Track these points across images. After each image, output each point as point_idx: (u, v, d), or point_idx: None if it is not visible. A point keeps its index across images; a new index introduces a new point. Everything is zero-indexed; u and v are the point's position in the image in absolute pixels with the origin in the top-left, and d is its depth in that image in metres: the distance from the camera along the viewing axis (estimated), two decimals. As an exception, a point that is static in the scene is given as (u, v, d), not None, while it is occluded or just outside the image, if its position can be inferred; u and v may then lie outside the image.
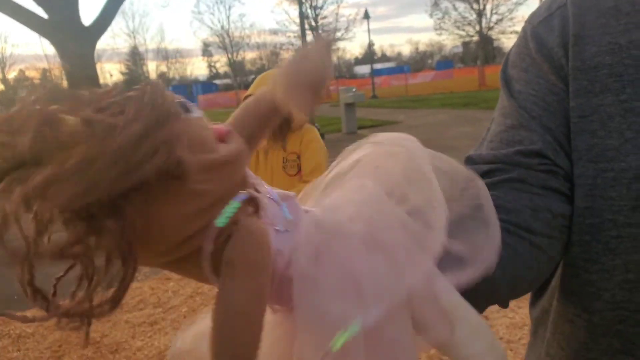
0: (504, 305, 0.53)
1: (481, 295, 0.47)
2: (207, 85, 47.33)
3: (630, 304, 0.51)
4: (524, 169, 0.52)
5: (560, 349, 0.59)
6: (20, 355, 2.85)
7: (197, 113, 0.35)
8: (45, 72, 78.34)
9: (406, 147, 0.47)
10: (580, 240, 0.52)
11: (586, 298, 0.53)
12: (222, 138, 0.36)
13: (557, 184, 0.51)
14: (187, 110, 0.35)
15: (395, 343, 0.39)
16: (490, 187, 0.51)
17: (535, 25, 0.56)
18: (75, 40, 11.76)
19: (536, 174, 0.51)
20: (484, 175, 0.53)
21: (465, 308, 0.42)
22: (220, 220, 0.33)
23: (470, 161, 0.57)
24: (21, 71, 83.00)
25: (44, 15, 11.78)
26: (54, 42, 11.90)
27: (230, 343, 0.32)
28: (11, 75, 75.75)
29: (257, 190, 0.38)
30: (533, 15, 0.58)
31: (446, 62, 61.54)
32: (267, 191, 0.39)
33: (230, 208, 0.33)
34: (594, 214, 0.50)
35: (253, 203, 0.36)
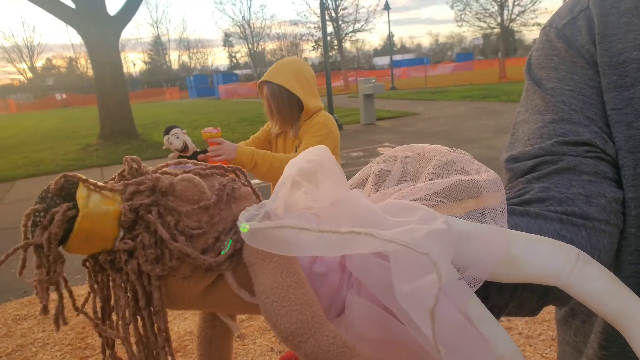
0: (562, 304, 0.51)
1: (535, 295, 0.47)
2: (228, 75, 47.44)
3: None
4: (573, 157, 0.51)
5: (600, 348, 0.58)
6: (45, 335, 2.94)
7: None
8: (71, 61, 79.59)
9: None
10: (627, 233, 0.52)
11: (634, 287, 0.53)
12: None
13: (608, 170, 0.51)
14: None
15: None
16: (538, 180, 0.51)
17: (560, 28, 0.57)
18: (100, 29, 11.92)
19: (586, 161, 0.50)
20: (530, 170, 0.53)
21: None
22: (224, 251, 0.36)
23: (512, 160, 0.55)
24: (48, 60, 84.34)
25: (71, 5, 11.95)
26: (80, 31, 12.07)
27: (288, 316, 0.33)
28: (39, 63, 77.03)
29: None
30: (554, 20, 0.59)
31: (466, 54, 60.53)
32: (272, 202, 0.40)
33: (228, 246, 0.36)
34: (637, 204, 0.50)
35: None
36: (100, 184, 0.35)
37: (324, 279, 0.38)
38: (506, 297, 0.46)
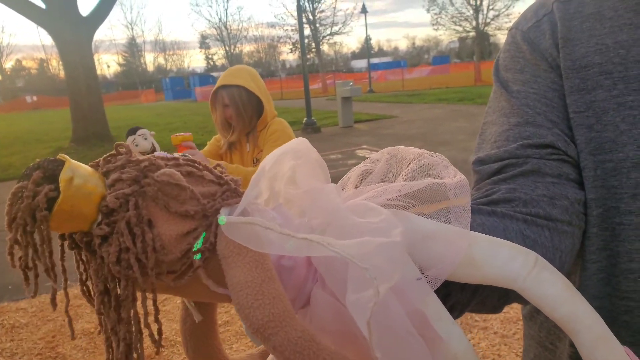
0: (525, 302, 0.54)
1: (497, 293, 0.48)
2: (205, 78, 47.02)
3: (635, 294, 0.52)
4: (537, 159, 0.52)
5: (571, 345, 0.59)
6: (14, 345, 2.84)
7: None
8: (42, 62, 77.78)
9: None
10: (589, 233, 0.53)
11: (597, 285, 0.54)
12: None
13: (570, 171, 0.53)
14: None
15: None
16: (504, 181, 0.52)
17: (525, 30, 0.58)
18: (72, 30, 11.69)
19: (549, 163, 0.52)
20: (496, 172, 0.54)
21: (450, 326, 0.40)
22: (196, 256, 0.37)
23: (479, 162, 0.57)
24: (18, 61, 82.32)
25: (42, 5, 11.68)
26: (51, 32, 11.82)
27: (261, 309, 0.34)
28: (8, 64, 75.14)
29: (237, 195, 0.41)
30: (520, 22, 0.60)
31: (442, 58, 61.48)
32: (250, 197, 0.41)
33: (200, 241, 0.37)
34: (598, 205, 0.52)
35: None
36: (85, 167, 0.35)
37: (291, 273, 0.39)
38: (468, 295, 0.48)
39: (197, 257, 0.37)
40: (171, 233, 0.36)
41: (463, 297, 0.47)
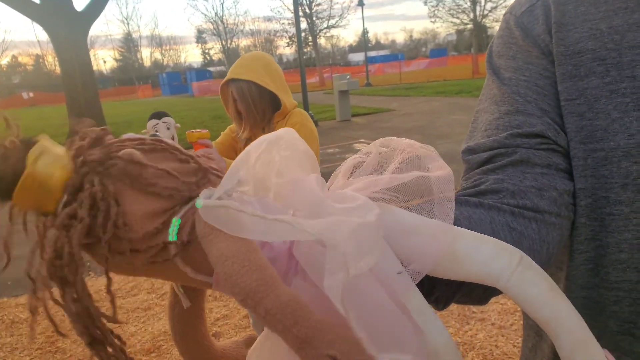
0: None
1: (482, 286, 0.47)
2: (201, 72, 46.86)
3: (624, 284, 0.51)
4: (526, 149, 0.51)
5: None
6: (14, 340, 2.85)
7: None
8: (38, 58, 77.34)
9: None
10: (577, 223, 0.53)
11: (584, 275, 0.54)
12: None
13: (559, 161, 0.52)
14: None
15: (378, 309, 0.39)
16: (493, 172, 0.52)
17: (519, 16, 0.57)
18: (67, 25, 11.62)
19: (539, 153, 0.51)
20: (485, 162, 0.53)
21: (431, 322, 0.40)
22: (172, 236, 0.37)
23: (468, 152, 0.56)
24: (14, 57, 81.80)
25: (36, 0, 11.60)
26: (46, 28, 11.74)
27: (249, 274, 0.34)
28: (4, 61, 74.69)
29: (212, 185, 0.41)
30: (514, 7, 0.59)
31: (440, 50, 61.36)
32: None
33: (174, 226, 0.37)
34: (587, 194, 0.51)
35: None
36: (58, 148, 0.37)
37: (272, 264, 0.39)
38: (453, 288, 0.48)
39: (173, 237, 0.37)
40: (136, 212, 0.36)
41: (448, 289, 0.47)
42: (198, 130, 1.67)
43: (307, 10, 33.41)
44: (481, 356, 2.33)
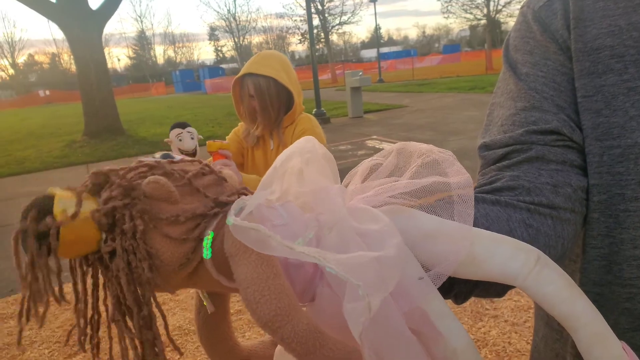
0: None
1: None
2: (214, 70, 47.08)
3: (639, 280, 0.51)
4: (541, 146, 0.51)
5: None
6: (33, 333, 2.92)
7: (178, 159, 0.43)
8: (54, 57, 78.36)
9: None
10: (590, 218, 0.53)
11: (597, 272, 0.54)
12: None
13: (574, 158, 0.52)
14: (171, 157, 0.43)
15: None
16: (508, 168, 0.52)
17: (537, 10, 0.57)
18: (82, 24, 11.76)
19: (554, 150, 0.51)
20: (501, 158, 0.54)
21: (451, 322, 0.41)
22: (206, 253, 0.39)
23: (484, 148, 0.56)
24: (30, 55, 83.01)
25: (52, -1, 11.76)
26: (61, 26, 11.90)
27: (268, 304, 0.35)
28: (20, 59, 75.81)
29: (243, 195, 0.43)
30: (532, 0, 0.59)
31: (453, 46, 60.82)
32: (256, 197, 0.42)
33: (207, 243, 0.39)
34: (601, 191, 0.51)
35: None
36: (72, 194, 0.37)
37: (298, 270, 0.41)
38: (472, 284, 0.48)
39: (207, 255, 0.39)
40: (166, 247, 0.38)
41: (467, 286, 0.48)
42: (219, 140, 1.67)
43: (319, 7, 33.35)
44: (494, 353, 2.33)
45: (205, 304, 0.47)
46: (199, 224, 0.39)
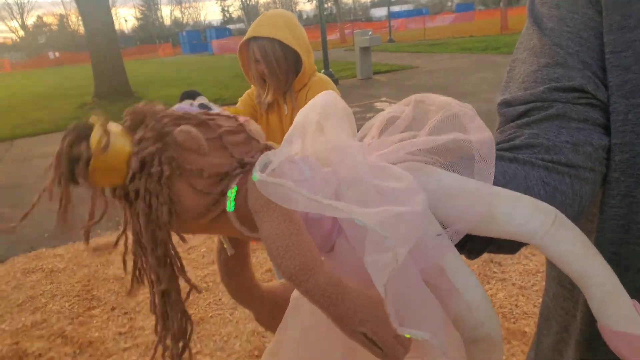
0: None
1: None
2: (221, 30, 46.28)
3: None
4: (563, 104, 0.50)
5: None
6: (54, 287, 3.05)
7: (214, 110, 0.45)
8: (62, 18, 77.36)
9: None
10: (610, 178, 0.53)
11: (614, 231, 0.54)
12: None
13: (597, 116, 0.51)
14: (208, 108, 0.45)
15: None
16: (528, 126, 0.51)
17: None
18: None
19: (576, 107, 0.50)
20: (521, 115, 0.53)
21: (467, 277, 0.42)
22: (229, 207, 0.40)
23: (504, 104, 0.55)
24: (39, 17, 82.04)
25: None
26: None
27: (292, 259, 0.37)
28: (29, 21, 74.98)
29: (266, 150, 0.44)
30: None
31: (466, 5, 58.90)
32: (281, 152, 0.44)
33: (231, 196, 0.40)
34: (623, 150, 0.50)
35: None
36: (114, 126, 0.39)
37: (317, 224, 0.42)
38: (485, 241, 0.49)
39: (231, 208, 0.40)
40: (191, 196, 0.39)
41: (481, 242, 0.48)
42: (232, 107, 1.66)
43: (329, -36, 32.31)
44: (501, 315, 2.36)
45: (225, 246, 0.50)
46: (222, 180, 0.41)
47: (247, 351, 2.28)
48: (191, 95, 1.65)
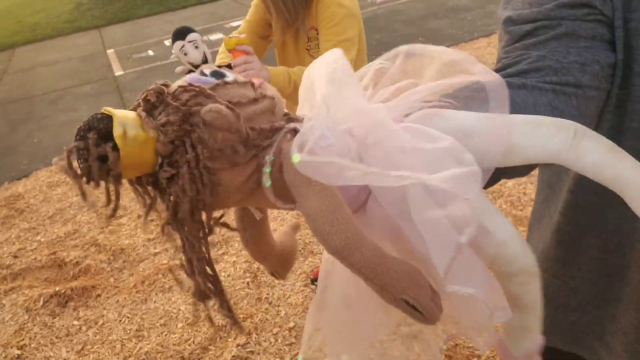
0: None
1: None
2: None
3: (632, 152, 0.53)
4: (572, 21, 0.50)
5: (569, 192, 0.64)
6: (80, 199, 3.13)
7: (230, 78, 0.42)
8: None
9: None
10: (612, 94, 0.53)
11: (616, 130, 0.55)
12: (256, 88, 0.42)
13: (605, 32, 0.50)
14: (222, 76, 0.42)
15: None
16: (535, 46, 0.51)
17: None
18: None
19: (584, 24, 0.50)
20: (527, 34, 0.52)
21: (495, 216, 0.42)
22: (266, 182, 0.40)
23: (510, 22, 0.54)
24: None
25: None
26: None
27: (338, 234, 0.38)
28: None
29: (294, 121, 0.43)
30: None
31: None
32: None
33: (267, 172, 0.40)
34: (623, 65, 0.51)
35: (291, 133, 0.42)
36: (131, 115, 0.37)
37: (344, 189, 0.42)
38: (499, 171, 0.49)
39: (268, 184, 0.40)
40: (228, 174, 0.39)
41: (495, 172, 0.49)
42: (236, 35, 1.48)
43: None
44: (509, 202, 2.44)
45: (252, 211, 0.50)
46: (256, 155, 0.40)
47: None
48: (181, 36, 1.50)
